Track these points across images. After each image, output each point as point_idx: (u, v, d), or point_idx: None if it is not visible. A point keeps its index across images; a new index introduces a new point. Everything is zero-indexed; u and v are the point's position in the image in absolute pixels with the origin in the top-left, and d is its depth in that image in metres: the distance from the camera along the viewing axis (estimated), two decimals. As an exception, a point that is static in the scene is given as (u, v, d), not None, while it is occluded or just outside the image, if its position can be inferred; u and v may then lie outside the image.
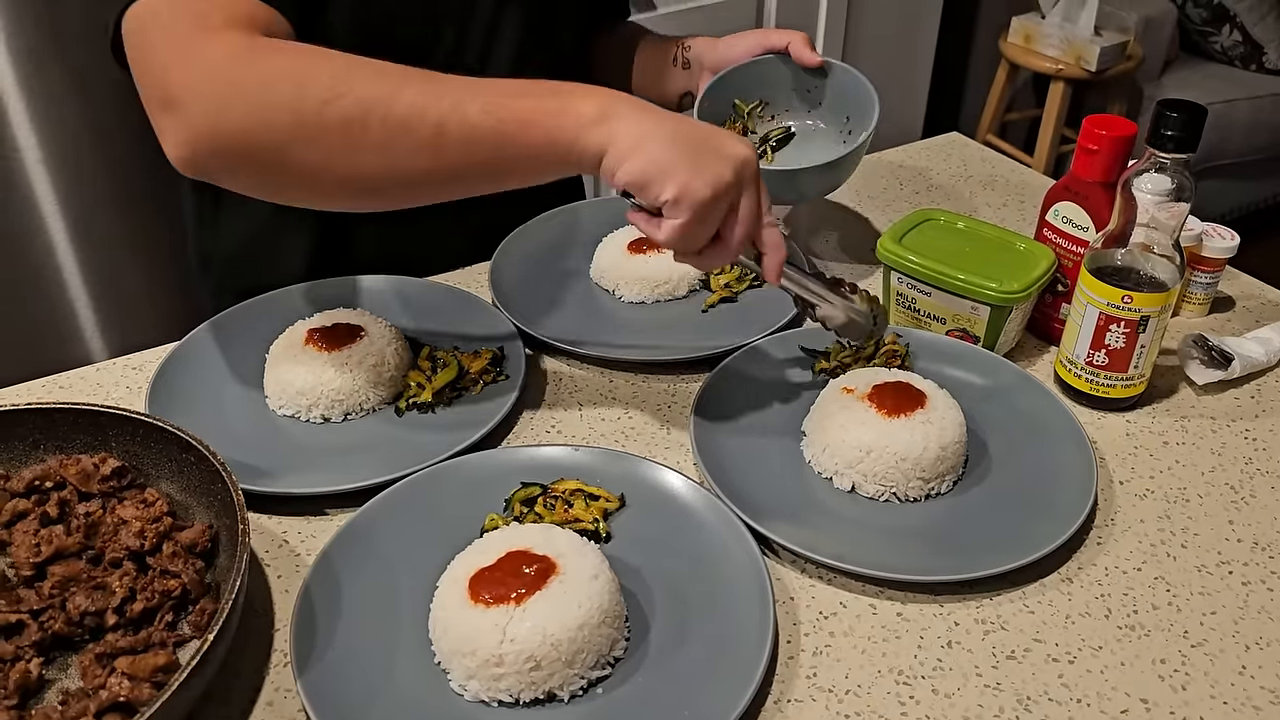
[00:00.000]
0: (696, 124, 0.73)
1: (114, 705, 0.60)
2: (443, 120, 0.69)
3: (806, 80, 1.06)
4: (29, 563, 0.67)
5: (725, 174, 0.69)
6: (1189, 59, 3.07)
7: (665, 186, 0.68)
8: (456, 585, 0.65)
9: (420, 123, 0.69)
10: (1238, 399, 0.90)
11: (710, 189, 0.69)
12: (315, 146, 0.69)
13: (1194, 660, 0.67)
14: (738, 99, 1.08)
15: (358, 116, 0.68)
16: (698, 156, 0.69)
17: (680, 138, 0.69)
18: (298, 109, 0.68)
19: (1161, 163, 0.78)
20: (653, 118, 0.70)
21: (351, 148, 0.69)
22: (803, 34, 1.04)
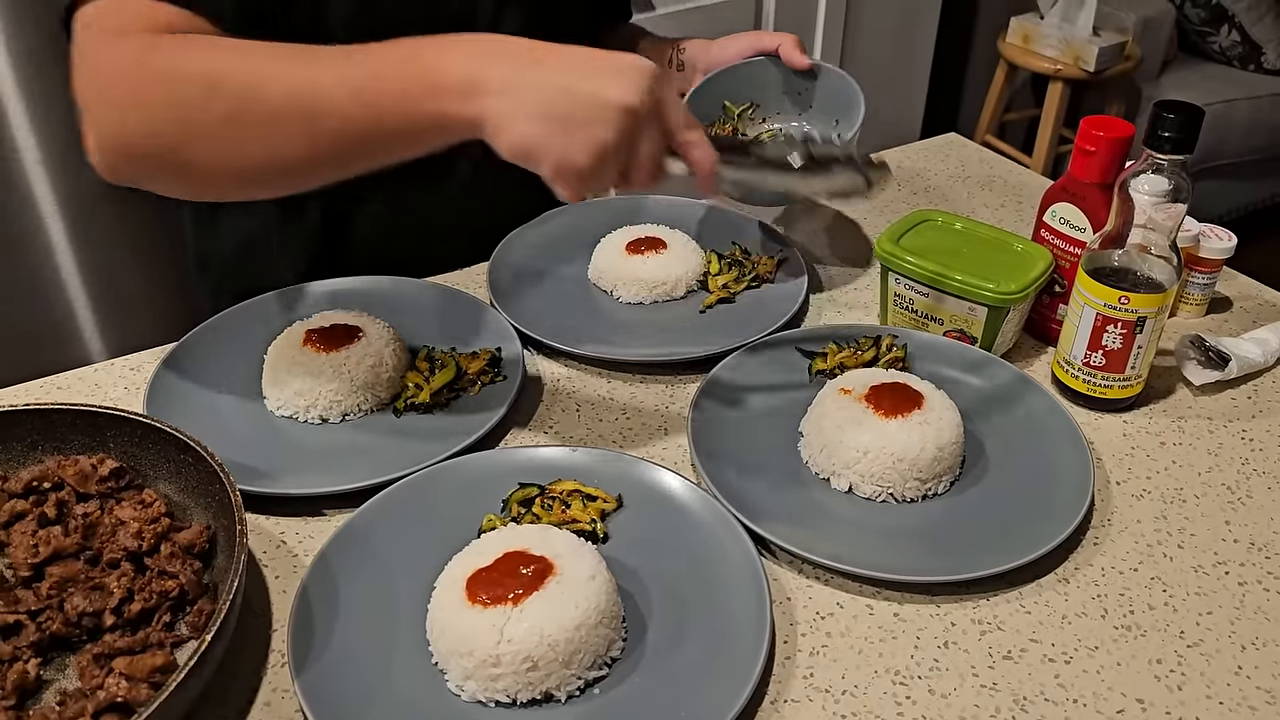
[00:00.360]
0: (574, 66, 0.68)
1: (111, 706, 0.60)
2: (314, 107, 0.70)
3: (797, 83, 1.06)
4: (27, 563, 0.67)
5: (605, 134, 0.66)
6: (1187, 59, 3.07)
7: (542, 163, 0.68)
8: (454, 586, 0.65)
9: (293, 113, 0.70)
10: (1235, 400, 0.90)
11: (587, 157, 0.67)
12: (205, 145, 0.71)
13: (1190, 660, 0.67)
14: (728, 101, 1.08)
15: (233, 112, 0.70)
16: (572, 121, 0.66)
17: (553, 98, 0.66)
18: (180, 110, 0.70)
19: (1158, 164, 0.78)
20: (523, 73, 0.67)
21: (236, 141, 0.71)
22: (793, 36, 1.04)
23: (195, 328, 0.93)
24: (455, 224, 1.10)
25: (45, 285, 1.86)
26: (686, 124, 0.72)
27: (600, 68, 0.68)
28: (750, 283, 1.03)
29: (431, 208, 1.08)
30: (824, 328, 0.94)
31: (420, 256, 1.06)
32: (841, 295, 1.04)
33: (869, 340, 0.92)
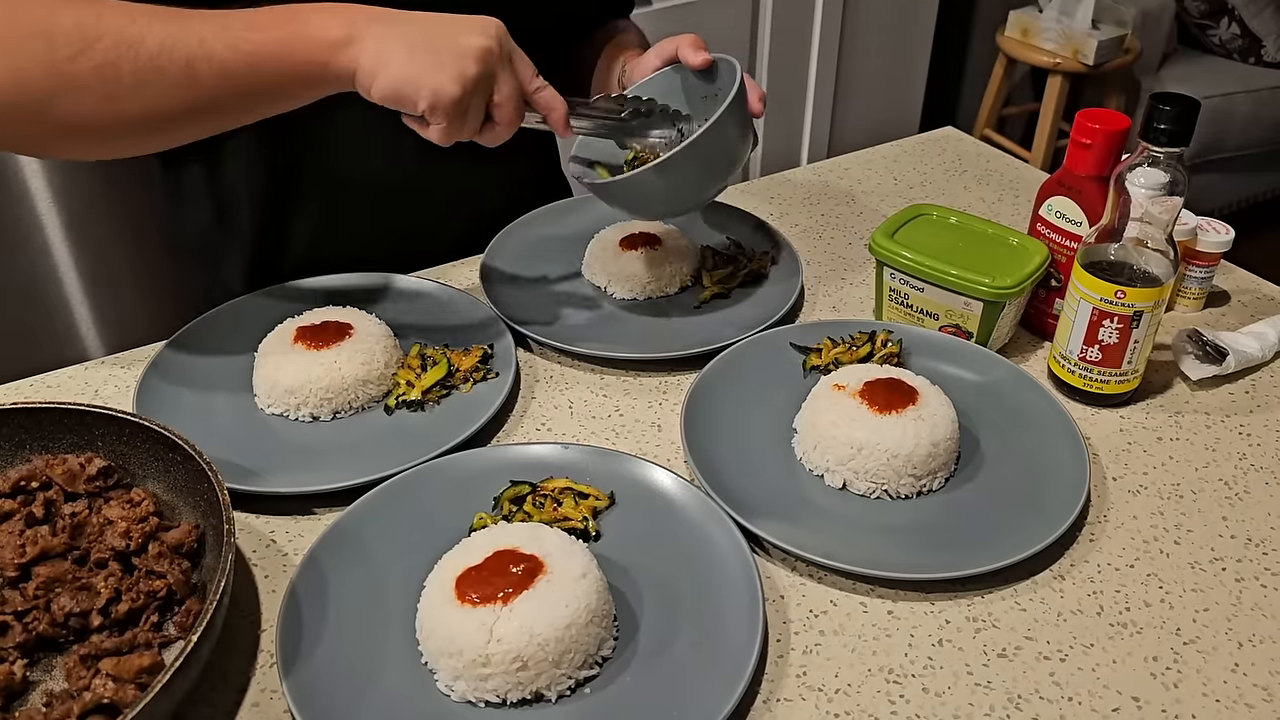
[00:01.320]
0: (435, 22, 0.75)
1: (98, 706, 0.59)
2: (191, 59, 0.71)
3: (710, 85, 0.94)
4: (14, 563, 0.67)
5: (470, 68, 0.74)
6: (1187, 52, 3.06)
7: (416, 98, 0.74)
8: (443, 585, 0.64)
9: (170, 63, 0.71)
10: (1232, 394, 0.89)
11: (459, 86, 0.73)
12: (75, 98, 0.70)
13: (1186, 658, 0.66)
14: None
15: (110, 62, 0.70)
16: (439, 59, 0.73)
17: (419, 45, 0.73)
18: (51, 62, 0.69)
19: (1155, 157, 0.78)
20: (393, 29, 0.74)
21: (109, 94, 0.71)
22: (690, 36, 0.95)
23: (185, 325, 0.93)
24: (448, 219, 1.10)
25: (43, 283, 1.86)
26: (534, 74, 0.80)
27: (456, 19, 0.76)
28: (744, 278, 1.02)
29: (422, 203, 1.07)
30: (818, 323, 0.94)
31: (409, 251, 1.05)
32: (836, 290, 1.04)
33: (864, 336, 0.91)
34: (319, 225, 1.05)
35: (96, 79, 0.70)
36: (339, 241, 1.06)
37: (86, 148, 0.78)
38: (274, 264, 1.05)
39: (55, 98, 0.70)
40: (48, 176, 1.77)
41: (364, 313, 0.90)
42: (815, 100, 2.60)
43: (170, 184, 1.05)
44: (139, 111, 0.72)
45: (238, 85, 0.73)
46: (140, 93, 0.71)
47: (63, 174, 1.77)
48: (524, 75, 0.79)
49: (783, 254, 1.05)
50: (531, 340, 0.94)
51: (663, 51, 0.96)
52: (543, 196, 1.15)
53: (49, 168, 1.75)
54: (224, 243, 1.06)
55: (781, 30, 2.42)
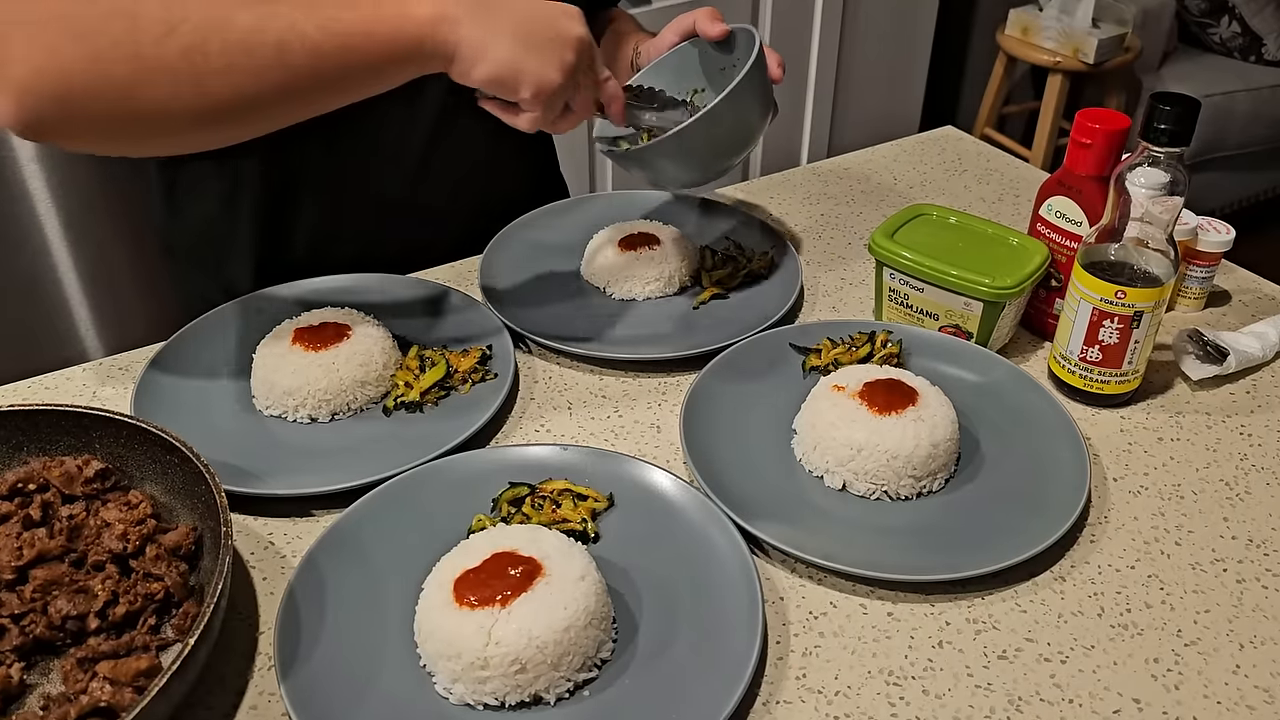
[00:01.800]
0: (531, 7, 0.76)
1: (95, 710, 0.59)
2: (282, 40, 0.69)
3: (728, 57, 0.97)
4: (10, 566, 0.66)
5: (569, 57, 0.76)
6: (1188, 50, 3.06)
7: (521, 85, 0.75)
8: (442, 587, 0.64)
9: (260, 44, 0.69)
10: (1233, 394, 0.89)
11: (561, 75, 0.75)
12: (161, 81, 0.67)
13: (1187, 659, 0.66)
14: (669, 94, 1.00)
15: (197, 44, 0.67)
16: (542, 47, 0.74)
17: (523, 31, 0.74)
18: (136, 44, 0.66)
19: (1155, 156, 0.77)
20: (492, 13, 0.73)
21: (196, 77, 0.68)
22: (708, 9, 0.98)
23: (183, 327, 0.93)
24: (447, 220, 1.09)
25: (42, 284, 1.86)
26: (603, 64, 0.82)
27: (547, 5, 0.77)
28: (744, 279, 1.02)
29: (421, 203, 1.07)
30: (818, 324, 0.94)
31: (406, 251, 1.05)
32: (836, 291, 1.03)
33: (863, 336, 0.91)
34: (321, 225, 1.05)
35: (184, 62, 0.67)
36: (343, 240, 1.06)
37: (169, 140, 0.74)
38: (277, 265, 1.05)
39: (139, 83, 0.66)
40: (46, 177, 1.77)
41: (362, 314, 0.90)
42: (815, 99, 2.60)
43: (166, 184, 1.05)
44: (227, 96, 0.69)
45: (330, 66, 0.71)
46: (229, 76, 0.68)
47: (61, 174, 1.77)
48: (598, 66, 0.81)
49: (782, 254, 1.05)
50: (530, 341, 0.94)
51: (679, 26, 0.98)
52: (542, 197, 1.15)
53: (48, 167, 1.75)
54: (225, 243, 1.05)
55: (781, 29, 2.42)
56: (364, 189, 1.04)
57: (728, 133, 0.88)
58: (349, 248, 1.05)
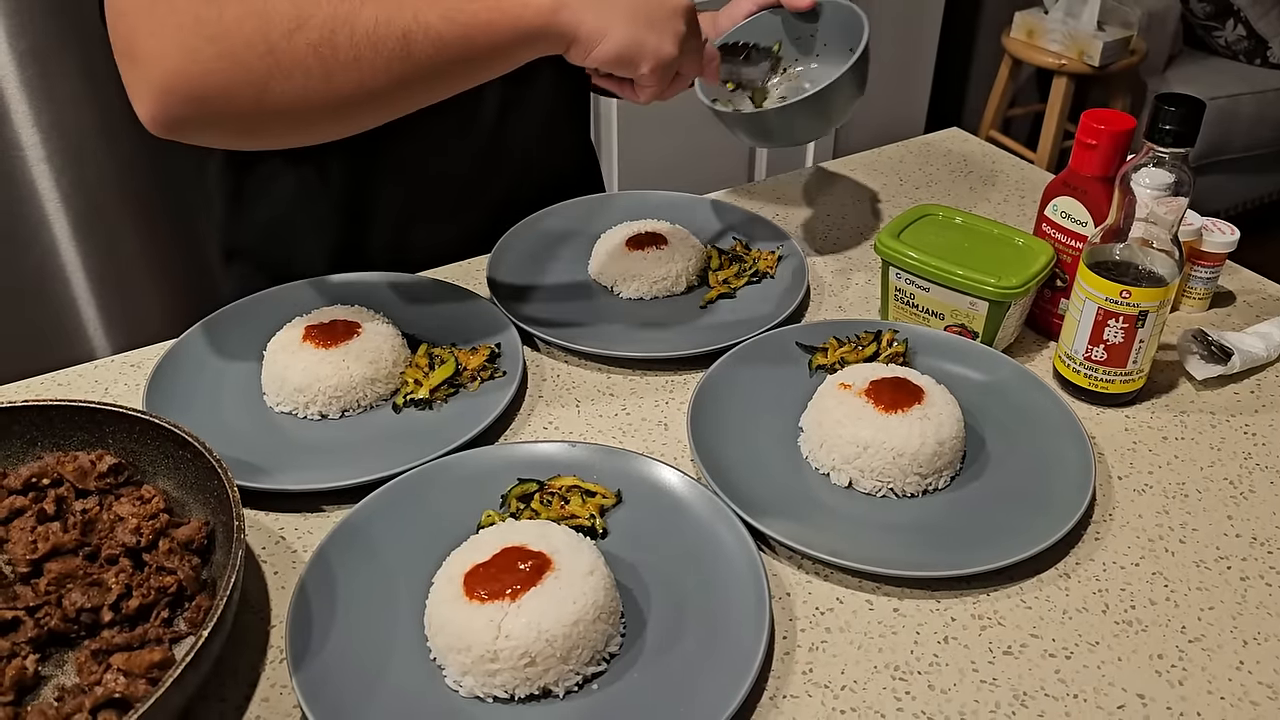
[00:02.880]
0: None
1: (110, 701, 0.60)
2: (407, 31, 0.71)
3: (807, 26, 1.07)
4: (25, 559, 0.67)
5: (681, 27, 0.79)
6: (1192, 54, 3.06)
7: (641, 61, 0.78)
8: (452, 582, 0.65)
9: (386, 36, 0.71)
10: (1237, 394, 0.90)
11: (676, 47, 0.79)
12: (292, 76, 0.70)
13: (1191, 656, 0.66)
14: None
15: (326, 38, 0.69)
16: (655, 23, 0.78)
17: (636, 10, 0.77)
18: (268, 41, 0.68)
19: (1160, 157, 0.78)
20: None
21: (326, 71, 0.70)
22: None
23: (195, 324, 0.93)
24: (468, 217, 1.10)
25: (50, 283, 1.87)
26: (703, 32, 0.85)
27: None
28: (751, 278, 1.03)
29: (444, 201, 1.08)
30: (824, 323, 0.94)
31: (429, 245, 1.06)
32: (842, 290, 1.04)
33: (869, 335, 0.91)
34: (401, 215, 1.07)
35: (314, 56, 0.69)
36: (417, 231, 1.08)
37: (300, 133, 0.76)
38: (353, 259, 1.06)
39: (272, 79, 0.69)
40: (55, 177, 1.78)
41: (372, 312, 0.90)
42: (821, 101, 2.60)
43: (231, 188, 1.06)
44: (353, 88, 0.71)
45: (452, 55, 0.73)
46: (356, 68, 0.71)
47: (70, 174, 1.78)
48: (699, 29, 0.83)
49: (789, 254, 1.05)
50: (538, 339, 0.95)
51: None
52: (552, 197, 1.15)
53: (57, 167, 1.76)
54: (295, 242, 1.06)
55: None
56: (443, 172, 1.05)
57: (855, 88, 0.98)
58: (423, 234, 1.07)
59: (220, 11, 0.68)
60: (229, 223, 1.09)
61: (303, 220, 1.06)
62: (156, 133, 0.71)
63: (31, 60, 1.65)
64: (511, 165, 1.09)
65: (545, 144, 1.12)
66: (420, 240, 1.08)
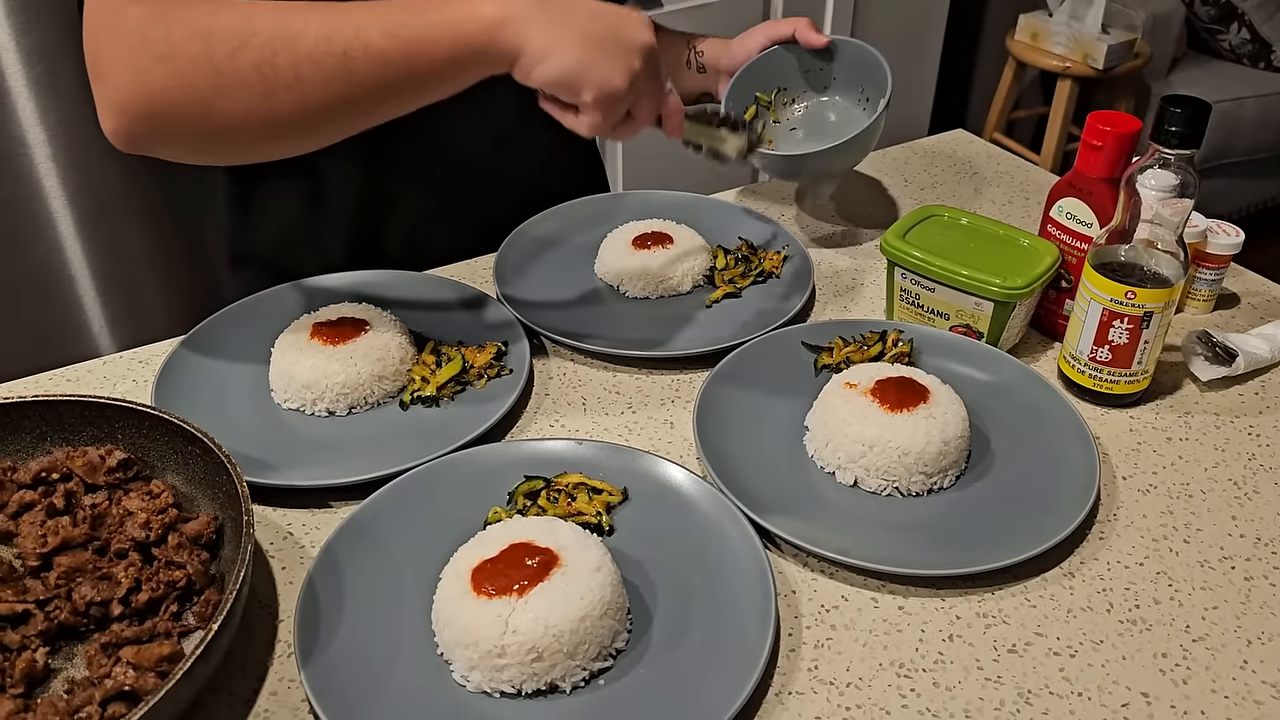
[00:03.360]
0: (597, 13, 0.75)
1: (119, 694, 0.60)
2: (348, 49, 0.71)
3: (817, 62, 1.12)
4: (35, 553, 0.68)
5: (635, 63, 0.75)
6: (1197, 57, 3.06)
7: (584, 87, 0.73)
8: (459, 577, 0.65)
9: (327, 54, 0.70)
10: (1242, 395, 0.90)
11: (626, 80, 0.74)
12: (235, 96, 0.70)
13: (1195, 655, 0.67)
14: (758, 91, 1.12)
15: (267, 58, 0.70)
16: (607, 51, 0.74)
17: (589, 35, 0.73)
18: (212, 61, 0.69)
19: (1165, 158, 0.78)
20: (557, 15, 0.73)
21: (267, 90, 0.71)
22: (805, 19, 1.09)
23: (203, 321, 0.94)
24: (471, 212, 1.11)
25: (55, 281, 1.87)
26: (667, 76, 0.81)
27: (613, 11, 0.76)
28: (756, 278, 1.03)
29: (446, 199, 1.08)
30: (829, 323, 0.94)
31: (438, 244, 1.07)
32: (847, 291, 1.04)
33: (875, 335, 0.92)
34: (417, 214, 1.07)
35: (256, 75, 0.70)
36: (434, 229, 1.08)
37: (250, 151, 0.77)
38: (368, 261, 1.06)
39: (217, 98, 0.70)
40: (61, 175, 1.78)
41: (379, 310, 0.91)
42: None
43: (239, 194, 1.06)
44: (294, 106, 0.72)
45: (394, 73, 0.72)
46: (297, 87, 0.71)
47: (76, 173, 1.78)
48: (662, 76, 0.80)
49: (794, 254, 1.06)
50: (545, 338, 0.95)
51: (772, 32, 1.08)
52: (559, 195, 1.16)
53: (63, 166, 1.76)
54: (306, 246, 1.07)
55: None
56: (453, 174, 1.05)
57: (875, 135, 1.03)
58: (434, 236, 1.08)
59: (168, 32, 0.69)
60: (236, 230, 1.10)
61: (313, 227, 1.06)
62: (120, 148, 0.73)
63: (38, 58, 1.65)
64: (521, 169, 1.09)
65: (553, 146, 1.12)
66: (432, 243, 1.08)
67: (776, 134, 1.14)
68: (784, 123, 1.14)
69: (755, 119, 1.10)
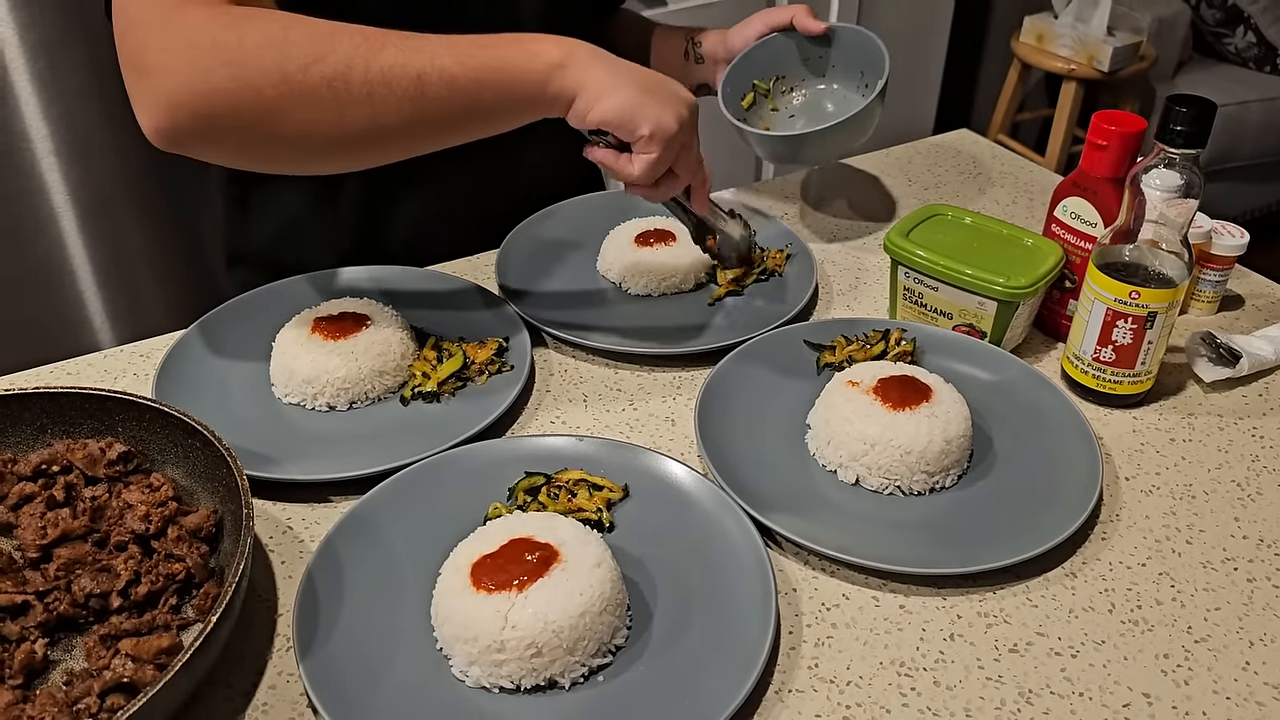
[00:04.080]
0: (643, 68, 0.80)
1: (117, 686, 0.60)
2: (422, 72, 0.72)
3: (816, 49, 1.12)
4: (35, 545, 0.67)
5: (683, 111, 0.79)
6: (1202, 60, 3.06)
7: (641, 123, 0.77)
8: (459, 572, 0.65)
9: (401, 76, 0.72)
10: (1245, 397, 0.90)
11: (677, 122, 0.78)
12: (304, 107, 0.71)
13: (1197, 655, 0.66)
14: (756, 80, 1.12)
15: (341, 74, 0.71)
16: (659, 96, 0.78)
17: (641, 80, 0.78)
18: (283, 71, 0.70)
19: (1170, 158, 0.78)
20: (613, 62, 0.78)
21: (338, 105, 0.71)
22: (803, 6, 1.09)
23: (204, 315, 0.94)
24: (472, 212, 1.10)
25: (56, 275, 1.87)
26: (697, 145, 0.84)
27: (661, 76, 0.80)
28: (759, 276, 1.03)
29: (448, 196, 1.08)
30: (832, 321, 0.94)
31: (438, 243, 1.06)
32: (850, 290, 1.04)
33: (878, 334, 0.91)
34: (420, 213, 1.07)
35: (327, 89, 0.70)
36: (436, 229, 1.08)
37: (303, 163, 0.79)
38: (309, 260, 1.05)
39: (284, 106, 0.70)
40: (64, 170, 1.78)
41: (381, 305, 0.91)
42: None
43: (239, 194, 1.06)
44: (364, 124, 0.73)
45: (461, 100, 0.74)
46: (369, 104, 0.72)
47: (79, 168, 1.78)
48: (698, 142, 0.84)
49: (797, 252, 1.06)
50: (546, 334, 0.95)
51: (769, 20, 1.09)
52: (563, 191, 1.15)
53: (65, 160, 1.76)
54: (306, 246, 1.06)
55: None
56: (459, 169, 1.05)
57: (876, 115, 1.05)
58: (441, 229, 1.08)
59: (240, 38, 0.70)
60: (235, 229, 1.10)
61: (315, 227, 1.06)
62: (159, 145, 0.72)
63: (42, 52, 1.65)
64: (523, 168, 1.09)
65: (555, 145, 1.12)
66: (434, 242, 1.08)
67: (775, 121, 1.14)
68: (782, 110, 1.14)
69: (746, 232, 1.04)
